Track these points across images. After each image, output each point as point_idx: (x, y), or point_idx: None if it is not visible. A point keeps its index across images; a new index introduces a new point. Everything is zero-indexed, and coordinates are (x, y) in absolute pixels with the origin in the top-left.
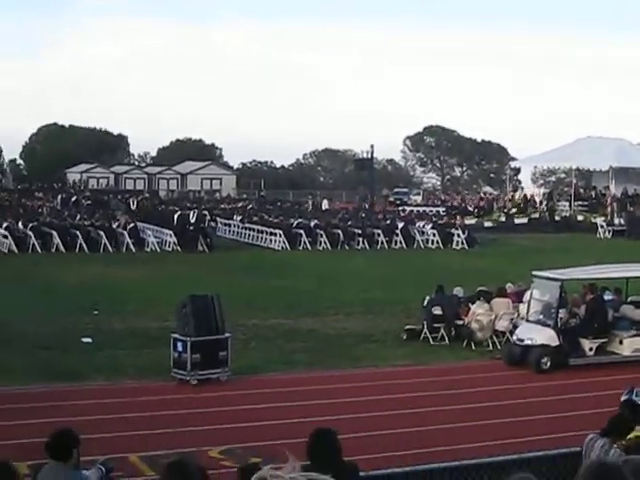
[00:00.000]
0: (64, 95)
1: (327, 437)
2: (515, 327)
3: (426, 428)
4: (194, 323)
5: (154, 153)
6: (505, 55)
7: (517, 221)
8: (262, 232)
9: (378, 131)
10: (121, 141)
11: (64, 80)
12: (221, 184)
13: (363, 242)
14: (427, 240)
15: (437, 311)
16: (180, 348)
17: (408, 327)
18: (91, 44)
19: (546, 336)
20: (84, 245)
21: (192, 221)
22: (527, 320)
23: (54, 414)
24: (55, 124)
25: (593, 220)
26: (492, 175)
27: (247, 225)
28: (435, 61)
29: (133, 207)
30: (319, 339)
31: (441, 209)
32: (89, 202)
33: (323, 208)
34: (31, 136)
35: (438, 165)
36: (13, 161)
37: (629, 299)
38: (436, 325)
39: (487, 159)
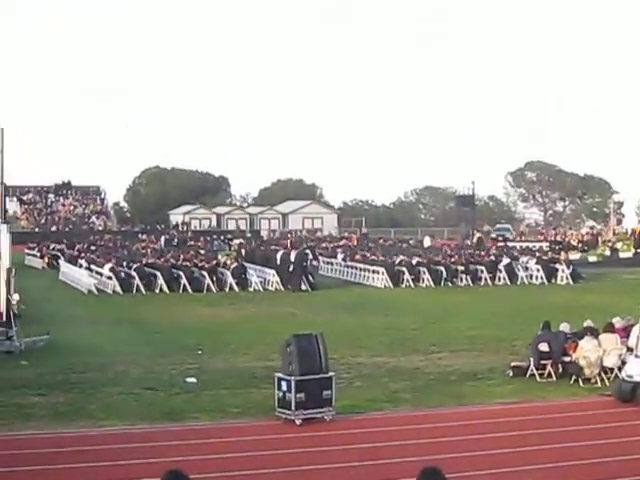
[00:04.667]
0: (166, 138)
1: (435, 476)
2: (624, 363)
3: (535, 467)
4: (298, 362)
5: (255, 193)
6: (605, 89)
7: (622, 255)
8: (365, 270)
9: (479, 167)
10: (222, 182)
11: (166, 124)
12: (322, 223)
13: (466, 279)
14: (531, 276)
15: (544, 347)
16: (284, 387)
17: (514, 364)
18: (191, 87)
19: None
20: (187, 286)
21: (292, 260)
22: (636, 355)
23: (158, 454)
24: (157, 167)
25: None
26: (595, 209)
27: (349, 263)
28: (535, 95)
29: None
30: (424, 377)
31: (544, 244)
32: (192, 243)
33: (425, 245)
34: (134, 179)
35: (540, 200)
36: (117, 204)
37: None
38: (543, 362)
39: (589, 193)
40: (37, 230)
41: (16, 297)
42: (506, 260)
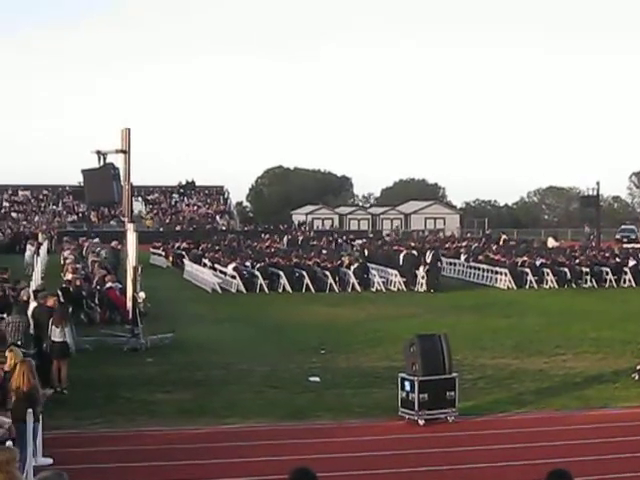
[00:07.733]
0: (289, 138)
1: (563, 479)
2: None
3: None
4: (422, 362)
5: (378, 194)
6: None
7: None
8: (488, 271)
9: (604, 167)
10: (345, 182)
11: (290, 123)
12: (444, 223)
13: (591, 280)
14: None
15: None
16: (408, 387)
17: None
18: (315, 87)
19: None
20: (310, 285)
21: (427, 261)
22: None
23: (283, 452)
24: (280, 167)
25: None
26: None
27: (472, 264)
28: None
29: (358, 247)
30: (548, 379)
31: None
32: (315, 243)
33: (549, 246)
34: (257, 179)
35: None
36: (240, 203)
37: None
38: None
39: None
40: (162, 229)
41: (142, 295)
42: (632, 262)
